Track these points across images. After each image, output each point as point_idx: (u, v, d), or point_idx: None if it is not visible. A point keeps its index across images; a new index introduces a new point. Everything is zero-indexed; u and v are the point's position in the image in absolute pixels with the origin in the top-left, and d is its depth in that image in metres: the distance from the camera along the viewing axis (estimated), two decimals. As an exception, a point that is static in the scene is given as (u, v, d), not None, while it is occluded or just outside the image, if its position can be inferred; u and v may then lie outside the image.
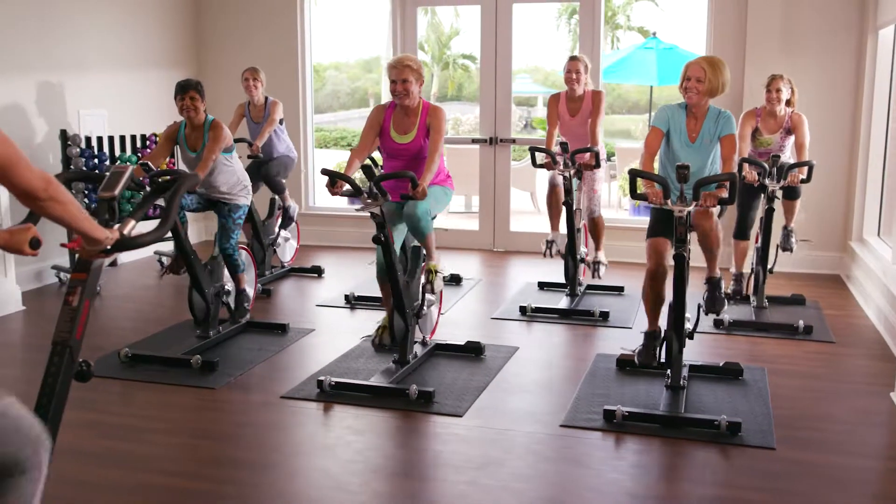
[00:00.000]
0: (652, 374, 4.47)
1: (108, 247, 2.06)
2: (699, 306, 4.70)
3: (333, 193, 4.15)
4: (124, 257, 7.21)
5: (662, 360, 4.30)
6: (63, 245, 2.21)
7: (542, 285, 6.47)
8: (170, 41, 7.99)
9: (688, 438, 3.70)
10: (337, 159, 13.99)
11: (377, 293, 6.13)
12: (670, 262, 4.11)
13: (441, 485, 3.28)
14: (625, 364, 4.60)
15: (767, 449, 3.59)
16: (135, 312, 5.88)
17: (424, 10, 15.76)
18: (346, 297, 6.03)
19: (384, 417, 3.96)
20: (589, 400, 4.13)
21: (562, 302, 5.96)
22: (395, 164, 4.46)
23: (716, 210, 4.12)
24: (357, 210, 4.14)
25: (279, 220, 6.87)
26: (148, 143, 6.90)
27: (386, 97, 7.35)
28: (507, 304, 6.00)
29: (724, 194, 3.85)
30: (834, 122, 6.87)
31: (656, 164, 4.31)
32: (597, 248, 6.23)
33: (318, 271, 6.97)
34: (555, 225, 6.17)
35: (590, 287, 6.34)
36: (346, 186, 4.17)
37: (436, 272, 4.56)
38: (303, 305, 6.11)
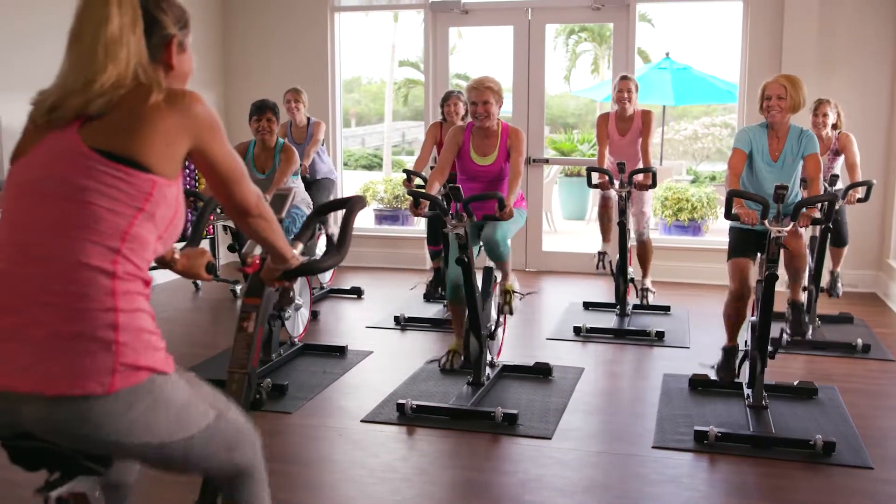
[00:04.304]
0: (727, 394, 4.47)
1: (294, 270, 2.03)
2: (782, 330, 4.68)
3: (416, 214, 4.14)
4: (159, 278, 7.12)
5: (739, 378, 4.33)
6: (240, 269, 2.18)
7: (588, 305, 6.46)
8: (197, 62, 7.91)
9: (782, 459, 3.68)
10: (358, 179, 13.91)
11: (426, 314, 6.15)
12: (752, 282, 4.13)
13: (551, 509, 3.24)
14: (697, 384, 4.59)
15: (866, 468, 3.59)
16: (184, 336, 5.80)
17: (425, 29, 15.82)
18: (396, 318, 5.99)
19: (472, 440, 3.92)
20: (673, 421, 4.11)
21: (612, 321, 5.96)
22: (473, 186, 4.44)
23: (806, 234, 4.15)
24: (444, 230, 4.12)
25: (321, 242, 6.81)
26: (187, 164, 6.84)
27: (378, 117, 7.31)
28: (559, 324, 5.98)
29: (817, 214, 3.87)
30: (869, 140, 6.92)
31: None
32: (644, 275, 6.25)
33: (357, 292, 6.92)
34: (606, 238, 6.20)
35: (636, 307, 6.34)
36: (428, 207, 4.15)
37: (513, 292, 4.54)
38: (352, 327, 6.05)
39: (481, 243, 4.45)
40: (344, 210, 2.17)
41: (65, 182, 1.62)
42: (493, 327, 4.61)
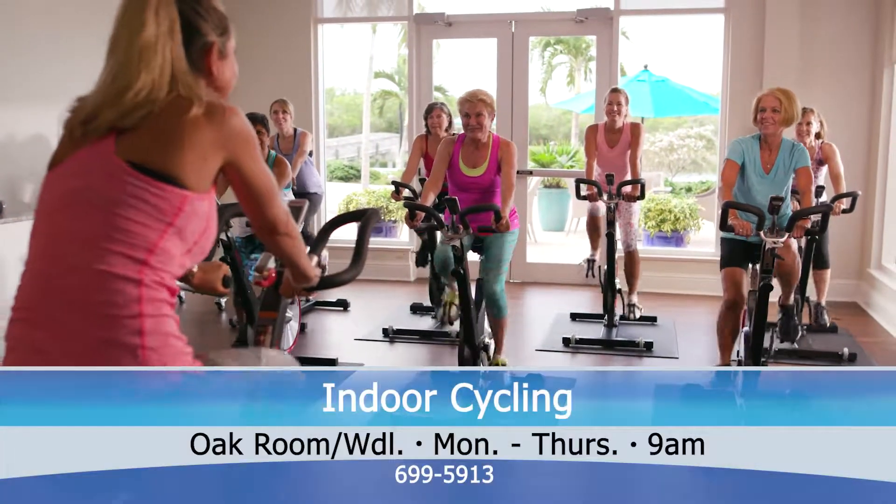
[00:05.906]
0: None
1: (314, 285, 2.03)
2: (771, 336, 4.74)
3: (412, 227, 4.14)
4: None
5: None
6: (256, 283, 2.16)
7: (575, 316, 6.49)
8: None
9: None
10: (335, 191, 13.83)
11: (415, 326, 6.14)
12: (745, 292, 4.17)
13: (554, 521, 3.24)
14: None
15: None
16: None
17: (403, 40, 15.92)
18: (385, 330, 5.97)
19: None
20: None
21: (601, 332, 5.99)
22: (465, 198, 4.45)
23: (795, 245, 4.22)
24: (442, 242, 4.13)
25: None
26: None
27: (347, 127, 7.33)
28: (548, 335, 6.00)
29: (809, 225, 3.92)
30: (850, 151, 6.99)
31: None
32: (630, 291, 6.29)
33: (343, 304, 6.90)
34: (594, 245, 6.25)
35: (623, 318, 6.36)
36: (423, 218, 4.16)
37: (503, 366, 4.57)
38: (340, 339, 6.03)
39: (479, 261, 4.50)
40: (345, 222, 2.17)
41: (98, 193, 1.61)
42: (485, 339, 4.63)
